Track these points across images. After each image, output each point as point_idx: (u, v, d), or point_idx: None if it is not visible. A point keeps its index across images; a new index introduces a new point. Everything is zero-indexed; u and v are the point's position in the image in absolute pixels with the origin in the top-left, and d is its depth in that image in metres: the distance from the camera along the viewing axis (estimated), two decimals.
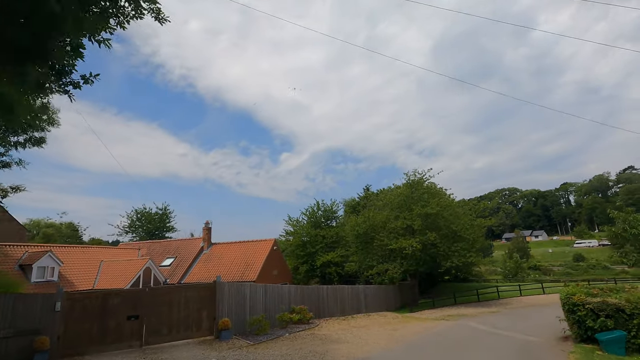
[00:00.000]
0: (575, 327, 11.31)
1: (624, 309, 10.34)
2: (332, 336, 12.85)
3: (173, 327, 11.68)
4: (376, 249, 26.08)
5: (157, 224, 45.85)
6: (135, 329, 11.10)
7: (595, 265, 76.12)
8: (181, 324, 11.83)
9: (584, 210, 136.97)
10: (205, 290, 12.59)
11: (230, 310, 12.98)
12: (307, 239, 36.88)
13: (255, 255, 29.85)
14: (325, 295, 20.54)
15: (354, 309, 22.38)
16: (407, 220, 24.43)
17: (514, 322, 16.73)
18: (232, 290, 13.31)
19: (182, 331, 11.80)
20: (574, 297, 11.35)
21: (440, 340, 12.22)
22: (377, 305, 24.46)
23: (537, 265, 77.88)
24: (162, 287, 13.43)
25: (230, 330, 11.98)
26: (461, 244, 23.91)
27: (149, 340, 11.20)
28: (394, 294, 26.65)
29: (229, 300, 13.06)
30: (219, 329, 11.94)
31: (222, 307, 12.64)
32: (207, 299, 12.45)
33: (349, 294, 22.33)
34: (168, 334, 11.56)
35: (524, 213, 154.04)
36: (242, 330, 13.24)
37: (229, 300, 13.06)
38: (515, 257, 64.96)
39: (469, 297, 28.56)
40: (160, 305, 11.61)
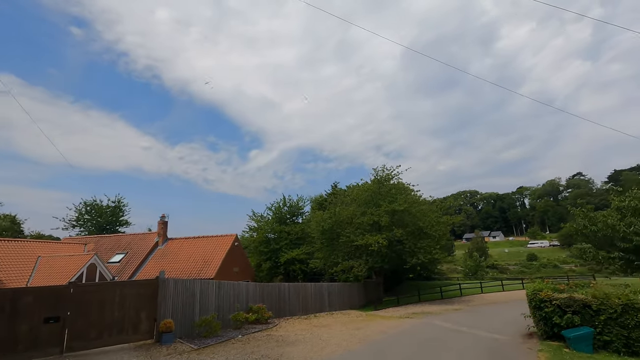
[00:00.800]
0: (542, 324, 10.95)
1: (590, 304, 10.05)
2: (290, 337, 11.72)
3: (104, 330, 10.02)
4: (342, 245, 25.25)
5: (108, 218, 42.40)
6: (55, 333, 9.34)
7: (546, 264, 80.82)
8: (114, 327, 10.18)
9: (537, 213, 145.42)
10: (145, 287, 10.99)
11: (176, 310, 11.47)
12: (271, 236, 35.48)
13: (214, 251, 28.06)
14: (287, 293, 19.37)
15: (317, 308, 21.40)
16: (374, 217, 23.80)
17: (478, 319, 16.46)
18: (178, 287, 11.80)
19: (116, 335, 10.16)
20: (540, 294, 10.99)
21: (406, 340, 11.46)
22: (342, 303, 23.66)
23: (495, 264, 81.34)
24: (92, 284, 11.64)
25: (172, 333, 10.50)
26: (427, 241, 23.65)
27: (73, 346, 9.48)
28: (358, 291, 25.98)
29: (175, 299, 11.55)
30: (160, 331, 10.42)
31: (166, 307, 11.11)
32: (148, 297, 10.88)
33: (312, 292, 21.31)
34: (97, 338, 9.89)
35: (483, 214, 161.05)
36: (188, 333, 11.77)
37: (175, 299, 11.55)
38: (475, 256, 67.19)
39: (433, 294, 28.53)
40: (89, 304, 9.91)
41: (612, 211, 15.39)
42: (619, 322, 9.60)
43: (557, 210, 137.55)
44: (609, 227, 14.74)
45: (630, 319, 9.49)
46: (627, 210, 14.93)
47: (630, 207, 14.95)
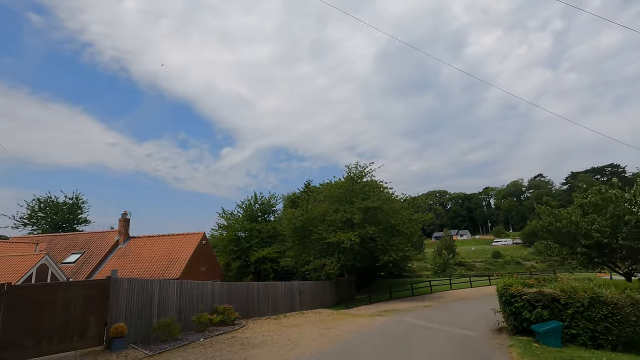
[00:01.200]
0: (511, 319, 10.93)
1: (558, 299, 10.10)
2: (256, 339, 11.04)
3: (44, 337, 8.89)
4: (314, 243, 24.75)
5: (65, 216, 39.55)
6: None
7: (510, 261, 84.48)
8: (57, 333, 9.07)
9: (502, 213, 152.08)
10: (95, 288, 9.93)
11: (130, 313, 10.47)
12: (242, 234, 34.38)
13: (180, 250, 26.70)
14: (256, 292, 18.60)
15: (288, 307, 20.76)
16: (346, 214, 23.47)
17: (449, 315, 16.46)
18: (134, 288, 10.79)
19: (58, 342, 9.05)
20: (511, 289, 10.96)
21: (377, 338, 11.10)
22: (313, 302, 23.15)
23: (462, 261, 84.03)
24: (31, 285, 10.42)
25: (124, 338, 9.52)
26: (399, 238, 23.62)
27: (4, 357, 8.32)
28: (330, 290, 25.59)
29: (129, 301, 10.54)
30: (111, 336, 9.42)
31: (118, 310, 10.09)
32: (97, 299, 9.82)
33: (283, 291, 20.65)
34: (35, 347, 8.75)
35: (451, 214, 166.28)
36: (145, 337, 10.81)
37: (129, 301, 10.54)
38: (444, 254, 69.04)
39: (404, 292, 28.65)
40: (26, 308, 8.75)
41: (575, 208, 15.86)
42: (586, 316, 9.69)
43: (519, 210, 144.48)
44: (573, 224, 15.15)
45: (596, 312, 9.61)
46: (589, 207, 15.42)
47: (592, 204, 15.46)
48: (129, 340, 10.10)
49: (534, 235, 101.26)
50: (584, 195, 16.07)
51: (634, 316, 9.45)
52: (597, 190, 15.77)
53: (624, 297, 9.63)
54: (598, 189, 15.71)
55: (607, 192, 15.44)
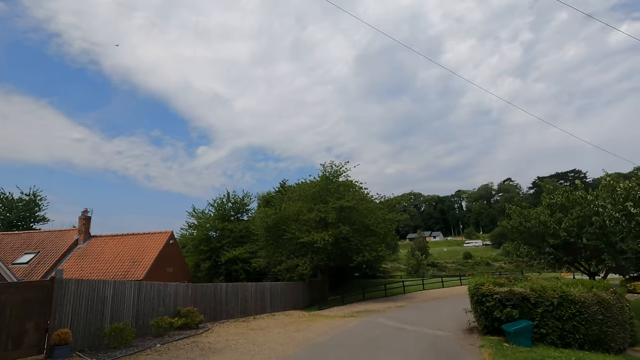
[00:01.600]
0: (483, 318, 10.80)
1: (529, 297, 10.04)
2: (219, 343, 10.32)
3: None
4: (287, 243, 24.12)
5: (20, 213, 36.81)
6: None
7: (480, 261, 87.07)
8: None
9: (473, 215, 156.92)
10: (35, 290, 8.90)
11: (77, 318, 9.49)
12: (213, 233, 33.20)
13: (145, 250, 25.31)
14: (224, 294, 17.76)
15: (258, 309, 20.02)
16: (321, 213, 23.02)
17: (421, 316, 16.32)
18: (82, 290, 9.81)
19: None
20: (482, 288, 10.84)
21: (347, 341, 10.66)
22: (285, 303, 22.50)
23: (435, 262, 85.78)
24: None
25: (69, 346, 8.56)
26: (373, 238, 23.41)
27: None
28: (302, 291, 25.00)
29: (77, 304, 9.55)
30: (52, 344, 8.43)
31: (63, 314, 9.10)
32: (39, 303, 8.80)
33: (253, 292, 19.88)
34: None
35: (425, 215, 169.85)
36: (95, 344, 9.84)
37: (77, 304, 9.55)
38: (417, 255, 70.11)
39: (377, 292, 28.53)
40: None
41: (544, 208, 16.14)
42: (555, 315, 9.67)
43: (489, 212, 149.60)
44: (541, 224, 15.38)
45: (565, 311, 9.60)
46: (556, 207, 15.72)
47: (558, 205, 15.77)
48: (75, 347, 9.14)
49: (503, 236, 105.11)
50: (551, 196, 16.38)
51: (600, 314, 9.52)
52: (564, 191, 16.13)
53: (591, 296, 9.69)
54: (564, 190, 16.06)
55: (573, 194, 15.80)
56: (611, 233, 13.81)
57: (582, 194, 14.80)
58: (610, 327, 9.52)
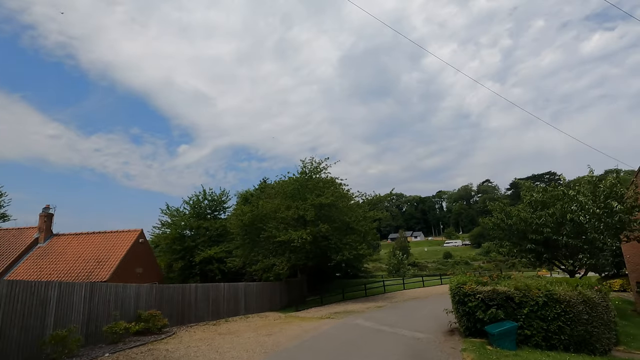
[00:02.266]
0: (465, 319, 10.17)
1: (513, 297, 9.47)
2: (179, 351, 9.28)
3: None
4: (264, 241, 23.08)
5: None
6: None
7: (459, 261, 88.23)
8: None
9: (453, 215, 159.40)
10: None
11: (10, 325, 8.24)
12: (188, 232, 31.74)
13: (112, 249, 23.73)
14: (194, 296, 16.62)
15: (232, 311, 18.94)
16: (299, 210, 22.10)
17: (400, 316, 15.68)
18: (17, 293, 8.56)
19: None
20: (465, 287, 10.21)
21: (320, 345, 9.83)
22: (260, 305, 21.49)
23: (416, 262, 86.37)
24: None
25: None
26: (353, 237, 22.70)
27: None
28: (280, 291, 24.05)
29: (9, 309, 8.30)
30: None
31: None
32: None
33: (226, 293, 18.80)
34: None
35: (407, 216, 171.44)
36: (32, 355, 8.61)
37: (9, 309, 8.30)
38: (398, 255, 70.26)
39: (357, 292, 27.88)
40: None
41: (525, 205, 15.82)
42: (540, 315, 9.13)
43: (469, 213, 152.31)
44: (523, 221, 15.02)
45: (550, 311, 9.08)
46: (537, 204, 15.42)
47: (539, 201, 15.47)
48: (7, 359, 7.93)
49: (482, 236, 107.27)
50: (532, 193, 16.08)
51: (586, 314, 9.05)
52: (544, 188, 15.86)
53: (576, 295, 9.21)
54: (545, 187, 15.79)
55: (553, 190, 15.54)
56: (592, 229, 13.58)
57: (563, 189, 14.53)
58: (596, 327, 9.06)
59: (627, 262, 18.94)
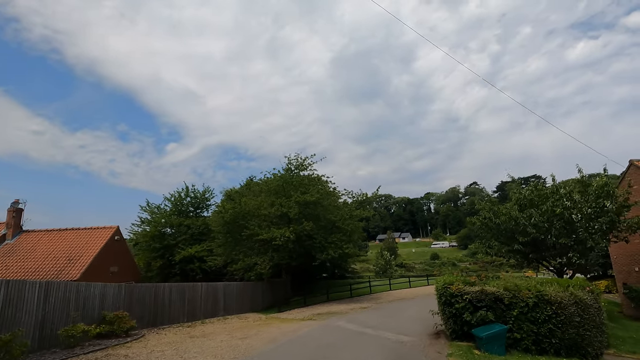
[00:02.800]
0: (451, 322, 9.57)
1: (502, 298, 8.90)
2: (140, 356, 8.41)
3: None
4: (245, 240, 22.19)
5: None
6: None
7: (446, 262, 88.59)
8: None
9: (440, 217, 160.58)
10: None
11: None
12: (168, 230, 30.59)
13: (85, 246, 22.52)
14: (168, 295, 15.69)
15: (209, 312, 18.03)
16: (283, 208, 21.29)
17: (385, 318, 15.04)
18: None
19: None
20: (451, 287, 9.61)
21: (296, 350, 9.09)
22: (241, 306, 20.61)
23: (403, 263, 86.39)
24: None
25: None
26: (338, 235, 22.01)
27: None
28: (263, 292, 23.20)
29: None
30: None
31: None
32: None
33: (204, 293, 17.89)
34: None
35: (395, 217, 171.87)
36: None
37: None
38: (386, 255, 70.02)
39: (342, 292, 27.21)
40: None
41: (513, 204, 15.39)
42: (530, 317, 8.58)
43: (456, 214, 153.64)
44: (512, 220, 14.57)
45: (541, 312, 8.53)
46: (525, 201, 15.01)
47: (527, 199, 15.06)
48: None
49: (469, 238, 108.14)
50: (520, 190, 15.66)
51: (577, 316, 8.54)
52: (534, 185, 15.46)
53: (568, 296, 8.70)
54: (534, 185, 15.40)
55: (544, 189, 15.16)
56: (581, 229, 13.21)
57: (555, 186, 14.14)
58: (588, 330, 8.55)
59: (614, 263, 18.76)
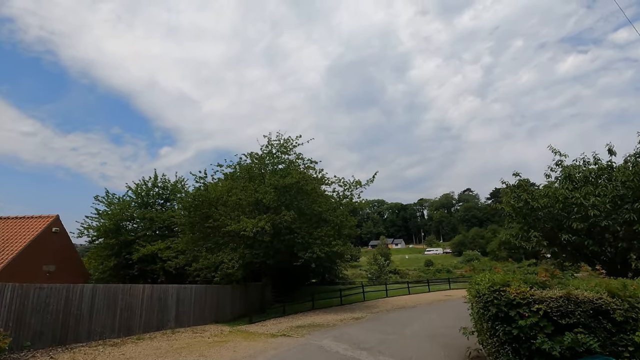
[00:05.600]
0: (508, 350, 5.56)
1: (608, 310, 4.96)
2: None
3: None
4: (211, 233, 17.98)
5: None
6: None
7: (440, 269, 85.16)
8: None
9: (434, 223, 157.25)
10: None
11: None
12: (129, 224, 26.18)
13: (11, 238, 18.13)
14: (88, 302, 11.43)
15: (154, 324, 13.74)
16: (257, 193, 17.17)
17: (385, 334, 11.00)
18: None
19: None
20: (508, 291, 5.61)
21: None
22: (202, 314, 16.34)
23: (397, 269, 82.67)
24: None
25: None
26: (325, 229, 17.92)
27: None
28: (233, 297, 18.92)
29: None
30: None
31: None
32: None
33: (146, 299, 13.62)
34: None
35: (388, 223, 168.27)
36: None
37: None
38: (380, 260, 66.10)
39: (331, 299, 23.09)
40: None
41: (563, 180, 11.55)
42: None
43: (450, 220, 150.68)
44: (560, 202, 10.72)
45: None
46: (580, 180, 11.22)
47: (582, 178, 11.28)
48: None
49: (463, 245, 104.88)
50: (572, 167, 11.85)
51: None
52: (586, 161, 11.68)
53: None
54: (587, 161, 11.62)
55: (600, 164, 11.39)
56: None
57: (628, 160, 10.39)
58: None
59: None
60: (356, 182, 20.54)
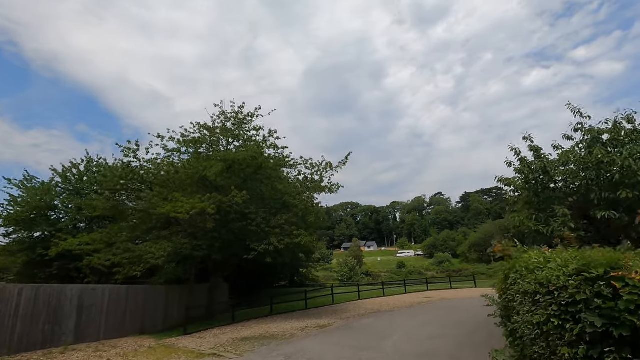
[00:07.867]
0: None
1: None
2: None
3: None
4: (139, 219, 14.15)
5: None
6: None
7: (412, 270, 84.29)
8: None
9: (406, 226, 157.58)
10: None
11: None
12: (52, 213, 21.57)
13: None
14: None
15: (37, 340, 9.81)
16: (200, 168, 13.53)
17: (358, 349, 7.78)
18: None
19: None
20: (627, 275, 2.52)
21: None
22: (120, 324, 12.45)
23: (369, 271, 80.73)
24: None
25: None
26: (287, 216, 14.54)
27: None
28: (169, 301, 15.06)
29: None
30: None
31: None
32: None
33: (27, 303, 9.67)
34: None
35: (361, 225, 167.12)
36: None
37: None
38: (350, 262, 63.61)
39: (294, 303, 19.69)
40: None
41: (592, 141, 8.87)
42: None
43: (422, 224, 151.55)
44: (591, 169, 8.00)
45: None
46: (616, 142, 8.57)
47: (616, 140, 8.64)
48: None
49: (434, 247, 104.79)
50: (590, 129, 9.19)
51: None
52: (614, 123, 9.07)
53: None
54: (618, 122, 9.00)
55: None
56: None
57: None
58: None
59: None
60: (327, 164, 17.35)
